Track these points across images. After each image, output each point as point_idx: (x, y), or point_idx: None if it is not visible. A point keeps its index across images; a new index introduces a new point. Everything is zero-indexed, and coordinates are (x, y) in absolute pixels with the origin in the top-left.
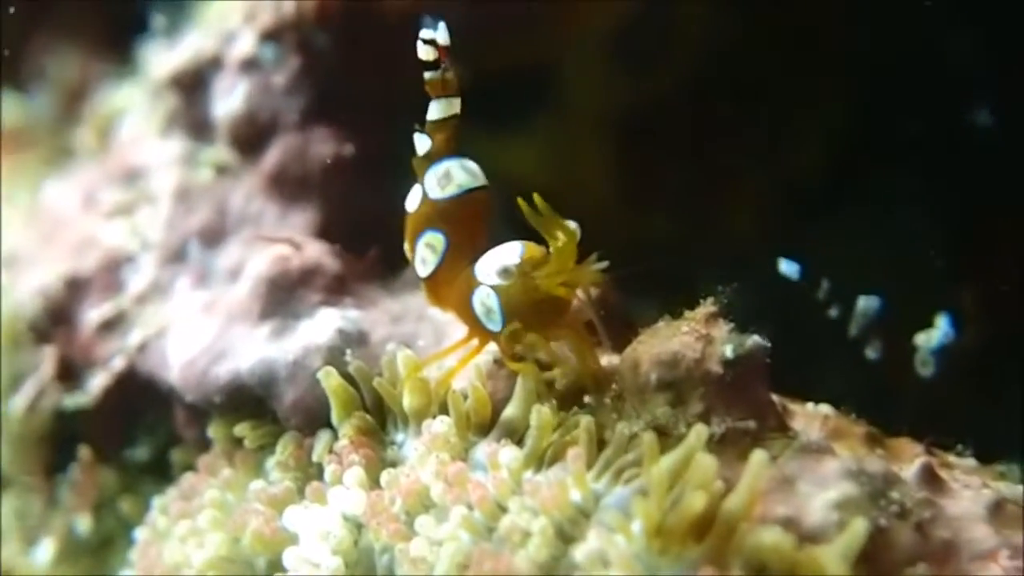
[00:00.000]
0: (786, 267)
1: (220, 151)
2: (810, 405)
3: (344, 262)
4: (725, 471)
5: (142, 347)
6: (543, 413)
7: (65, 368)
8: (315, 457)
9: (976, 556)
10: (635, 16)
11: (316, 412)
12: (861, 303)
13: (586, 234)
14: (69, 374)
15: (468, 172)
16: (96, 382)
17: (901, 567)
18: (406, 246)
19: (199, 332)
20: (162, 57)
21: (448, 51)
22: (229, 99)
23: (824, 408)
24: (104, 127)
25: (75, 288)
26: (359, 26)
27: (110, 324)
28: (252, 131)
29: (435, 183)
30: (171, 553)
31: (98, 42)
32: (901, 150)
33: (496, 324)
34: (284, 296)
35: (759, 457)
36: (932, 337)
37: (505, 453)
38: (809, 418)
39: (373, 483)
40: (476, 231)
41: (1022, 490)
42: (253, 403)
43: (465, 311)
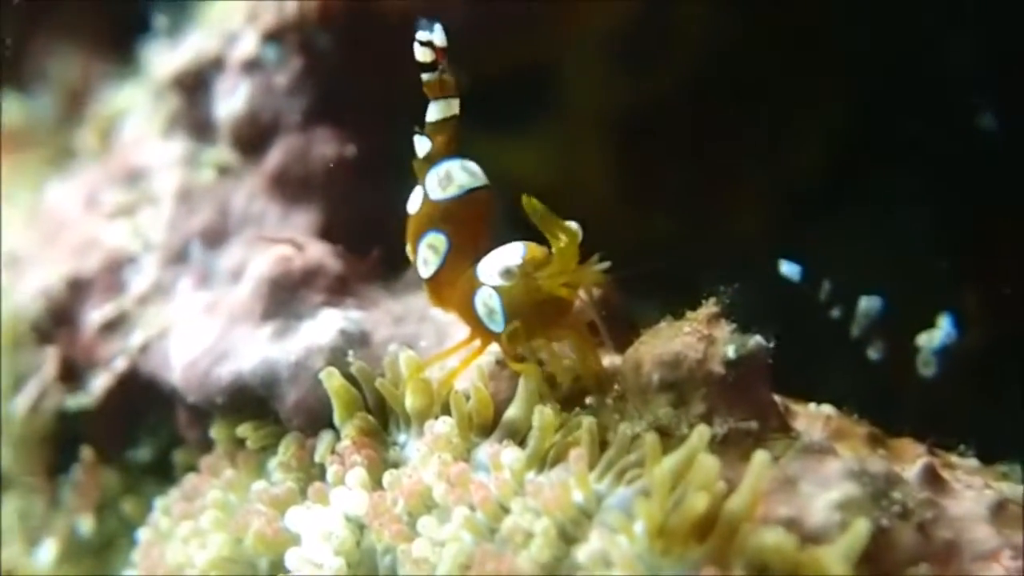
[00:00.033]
0: (787, 269)
1: (222, 152)
2: (812, 405)
3: (346, 263)
4: (727, 472)
5: (144, 348)
6: (545, 414)
7: (67, 369)
8: (317, 458)
9: (978, 556)
10: (635, 16)
11: (318, 413)
12: (863, 303)
13: (587, 235)
14: (71, 375)
15: (469, 172)
16: (98, 383)
17: (903, 567)
18: (408, 248)
19: (201, 333)
20: (164, 58)
21: (445, 52)
22: (231, 100)
23: (826, 408)
24: (106, 128)
25: (77, 289)
26: (361, 26)
27: (112, 325)
28: (254, 132)
29: (436, 184)
30: (173, 554)
31: (100, 42)
32: (901, 150)
33: (498, 325)
34: (286, 297)
35: (761, 458)
36: (934, 337)
37: (507, 454)
38: (811, 418)
39: (375, 484)
40: (478, 231)
41: None
42: (255, 404)
43: (467, 312)
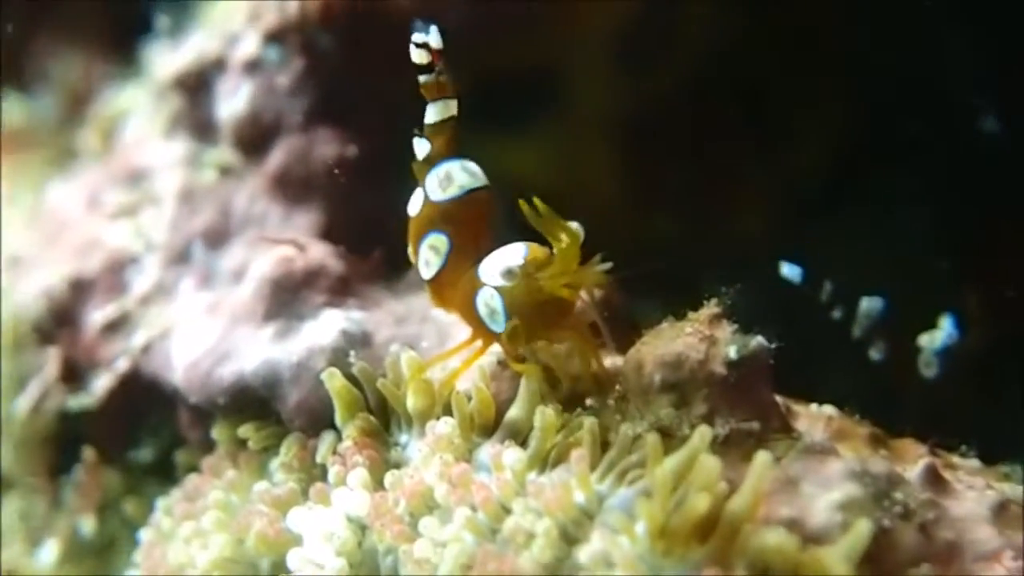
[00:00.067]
0: (788, 271)
1: (224, 152)
2: (814, 406)
3: (348, 263)
4: (729, 472)
5: (146, 348)
6: (547, 414)
7: (69, 369)
8: (319, 458)
9: (980, 557)
10: (636, 16)
11: (320, 413)
12: (864, 304)
13: (589, 235)
14: (73, 375)
15: (469, 173)
16: (100, 383)
17: (905, 568)
18: (409, 249)
19: (203, 333)
20: (166, 58)
21: (441, 54)
22: (233, 100)
23: (828, 409)
24: (108, 128)
25: (79, 289)
26: (363, 27)
27: (114, 325)
28: (256, 132)
29: (436, 185)
30: (175, 554)
31: (102, 43)
32: (901, 150)
33: (500, 325)
34: (288, 297)
35: (763, 458)
36: (936, 338)
37: (509, 454)
38: (813, 419)
39: (377, 484)
40: (479, 232)
41: None
42: (257, 404)
43: (469, 312)
